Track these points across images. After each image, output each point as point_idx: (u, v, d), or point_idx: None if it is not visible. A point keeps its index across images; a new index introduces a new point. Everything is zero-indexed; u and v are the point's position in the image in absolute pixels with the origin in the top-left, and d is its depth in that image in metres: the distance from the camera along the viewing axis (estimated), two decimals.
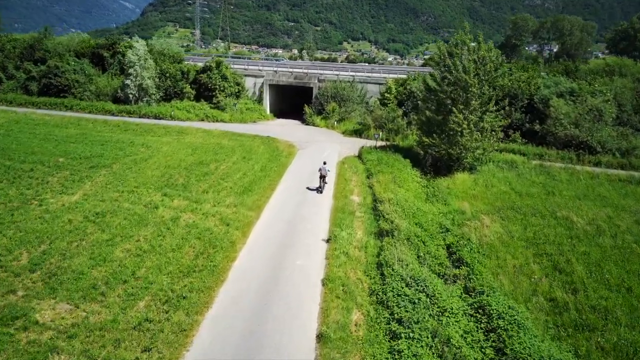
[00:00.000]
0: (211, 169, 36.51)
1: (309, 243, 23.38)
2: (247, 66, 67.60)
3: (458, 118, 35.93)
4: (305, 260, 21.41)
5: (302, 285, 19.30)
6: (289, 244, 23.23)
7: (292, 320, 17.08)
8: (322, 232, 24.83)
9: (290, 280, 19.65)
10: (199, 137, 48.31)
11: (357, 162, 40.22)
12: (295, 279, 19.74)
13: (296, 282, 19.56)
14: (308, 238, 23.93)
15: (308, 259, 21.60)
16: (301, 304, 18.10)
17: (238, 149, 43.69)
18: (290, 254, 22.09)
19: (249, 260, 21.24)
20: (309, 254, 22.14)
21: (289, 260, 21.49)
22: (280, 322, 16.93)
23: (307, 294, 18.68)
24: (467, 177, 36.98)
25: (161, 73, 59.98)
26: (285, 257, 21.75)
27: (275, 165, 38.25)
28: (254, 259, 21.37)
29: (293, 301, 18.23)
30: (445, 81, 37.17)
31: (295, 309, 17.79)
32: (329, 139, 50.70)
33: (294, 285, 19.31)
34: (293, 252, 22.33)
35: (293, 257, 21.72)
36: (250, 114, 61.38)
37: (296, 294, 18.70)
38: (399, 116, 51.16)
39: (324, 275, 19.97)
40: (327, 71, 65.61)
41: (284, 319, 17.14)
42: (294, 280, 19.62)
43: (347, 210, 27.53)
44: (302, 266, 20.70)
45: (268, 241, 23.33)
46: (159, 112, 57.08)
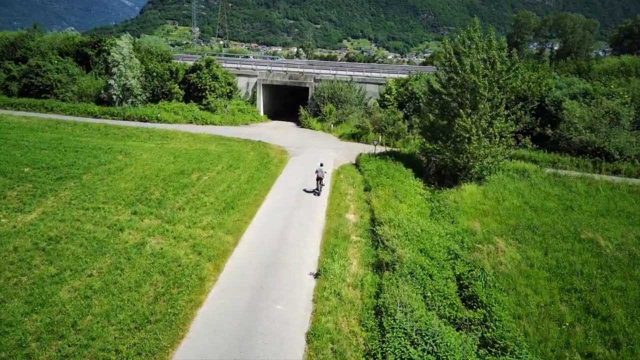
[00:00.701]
0: (192, 179, 32.69)
1: (294, 279, 19.51)
2: (240, 65, 63.73)
3: (465, 123, 32.13)
4: (288, 304, 17.53)
5: (280, 343, 15.43)
6: (269, 280, 19.33)
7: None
8: (311, 262, 20.96)
9: (267, 333, 15.77)
10: (185, 142, 44.49)
11: (354, 171, 36.38)
12: (274, 332, 15.86)
13: (274, 336, 15.68)
14: (293, 272, 20.04)
15: (291, 302, 17.70)
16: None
17: (225, 155, 39.88)
18: (270, 294, 18.20)
19: (218, 307, 17.32)
20: (293, 294, 18.26)
21: (267, 303, 17.60)
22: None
23: (286, 356, 14.81)
24: (475, 189, 33.16)
25: (147, 72, 56.13)
26: (263, 299, 17.86)
27: (263, 175, 34.41)
28: (225, 304, 17.44)
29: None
30: (451, 83, 33.34)
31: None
32: (324, 144, 46.87)
33: (270, 341, 15.45)
34: (273, 291, 18.45)
35: (273, 300, 17.83)
36: (242, 116, 57.55)
37: (271, 353, 14.84)
38: (400, 119, 47.34)
39: (309, 327, 16.09)
40: (324, 70, 61.74)
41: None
42: (271, 334, 15.75)
43: (341, 233, 23.68)
44: (283, 314, 16.80)
45: (244, 277, 19.44)
46: (144, 114, 53.23)
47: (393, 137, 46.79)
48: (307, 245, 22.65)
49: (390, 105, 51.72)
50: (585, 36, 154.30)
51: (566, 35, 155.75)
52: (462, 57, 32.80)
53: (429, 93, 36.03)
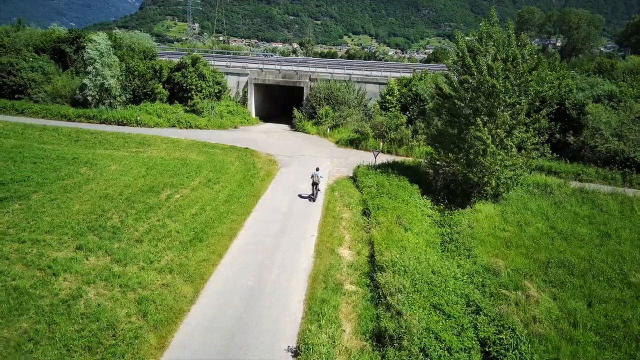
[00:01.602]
0: (161, 199, 27.63)
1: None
2: (230, 63, 58.52)
3: (482, 133, 27.03)
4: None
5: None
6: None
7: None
8: (290, 331, 15.72)
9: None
10: (163, 149, 39.38)
11: (352, 187, 31.28)
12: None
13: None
14: (264, 349, 14.84)
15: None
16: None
17: (206, 166, 34.80)
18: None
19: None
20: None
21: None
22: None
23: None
24: (492, 210, 28.11)
25: (128, 71, 50.94)
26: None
27: (245, 193, 29.33)
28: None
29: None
30: (465, 85, 28.21)
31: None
32: (318, 152, 41.72)
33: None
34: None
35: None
36: (231, 118, 52.40)
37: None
38: (403, 124, 42.21)
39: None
40: (320, 69, 56.53)
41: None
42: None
43: (332, 280, 18.55)
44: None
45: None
46: (123, 116, 48.11)
47: (395, 144, 41.71)
48: (288, 300, 17.44)
49: (392, 108, 46.56)
50: (590, 32, 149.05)
51: (571, 32, 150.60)
52: (477, 56, 27.65)
53: (438, 97, 30.88)
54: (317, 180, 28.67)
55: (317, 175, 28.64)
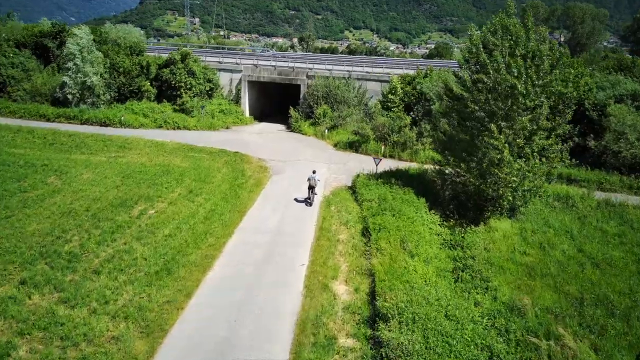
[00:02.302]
0: (133, 215, 24.09)
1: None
2: (222, 59, 54.74)
3: (498, 141, 23.40)
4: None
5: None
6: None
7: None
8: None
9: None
10: (145, 153, 35.80)
11: (350, 199, 27.67)
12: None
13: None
14: None
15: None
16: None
17: (189, 174, 31.25)
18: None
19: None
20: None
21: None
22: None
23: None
24: (509, 228, 24.54)
25: (112, 68, 47.28)
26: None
27: (230, 207, 25.75)
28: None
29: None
30: (479, 86, 24.51)
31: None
32: (315, 156, 38.07)
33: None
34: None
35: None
36: (223, 118, 48.74)
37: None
38: (407, 125, 38.53)
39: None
40: (319, 65, 52.76)
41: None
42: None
43: (324, 331, 14.95)
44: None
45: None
46: (106, 117, 44.48)
47: (398, 147, 38.06)
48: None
49: (395, 108, 42.88)
50: (594, 27, 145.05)
51: (575, 26, 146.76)
52: (494, 53, 23.95)
53: (448, 98, 27.17)
54: (313, 183, 26.91)
55: (313, 179, 26.84)
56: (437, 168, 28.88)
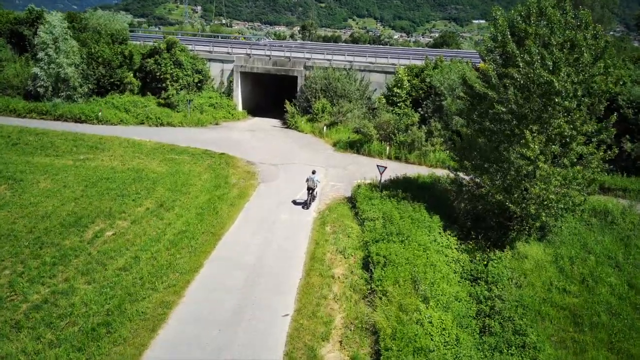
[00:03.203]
0: (85, 238, 19.71)
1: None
2: (213, 48, 49.95)
3: (531, 151, 18.84)
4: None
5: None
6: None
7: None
8: None
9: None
10: (119, 155, 31.35)
11: (349, 215, 23.13)
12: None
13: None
14: None
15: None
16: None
17: (164, 181, 26.82)
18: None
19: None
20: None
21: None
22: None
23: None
24: (541, 254, 20.08)
25: (91, 58, 42.66)
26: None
27: (204, 227, 21.26)
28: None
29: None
30: (506, 82, 19.85)
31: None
32: (312, 158, 33.52)
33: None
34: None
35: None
36: (213, 113, 44.16)
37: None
38: (415, 123, 33.93)
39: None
40: (317, 55, 47.94)
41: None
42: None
43: None
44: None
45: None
46: (82, 112, 39.96)
47: (405, 148, 33.46)
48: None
49: (401, 103, 38.21)
50: (604, 14, 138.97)
51: None
52: (526, 41, 19.28)
53: (467, 96, 22.48)
54: (312, 185, 24.23)
55: (312, 180, 24.12)
56: (452, 176, 24.31)
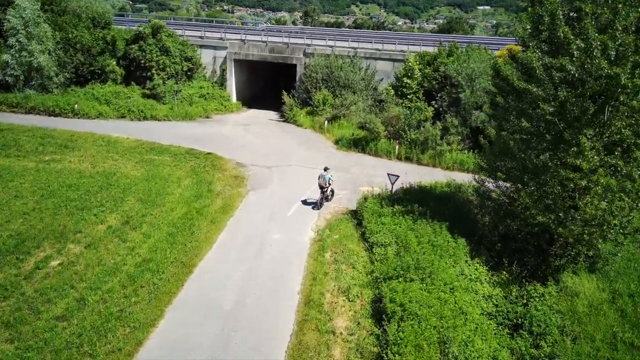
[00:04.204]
0: (22, 271, 15.58)
1: None
2: (205, 33, 45.38)
3: (587, 161, 14.60)
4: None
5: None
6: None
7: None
8: None
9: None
10: (90, 156, 27.15)
11: (354, 237, 18.87)
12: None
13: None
14: None
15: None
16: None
17: (137, 189, 22.65)
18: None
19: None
20: None
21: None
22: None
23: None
24: (593, 289, 16.01)
25: (68, 43, 38.25)
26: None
27: (175, 254, 17.06)
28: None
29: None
30: (554, 74, 15.44)
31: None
32: (311, 158, 29.27)
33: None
34: None
35: None
36: (204, 105, 39.79)
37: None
38: (428, 119, 29.57)
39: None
40: (318, 41, 43.36)
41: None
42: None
43: None
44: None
45: None
46: (56, 104, 35.66)
47: (417, 148, 29.15)
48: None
49: (412, 95, 33.81)
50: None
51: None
52: (585, 24, 14.83)
53: (500, 91, 18.04)
54: (323, 183, 21.69)
55: (324, 177, 21.60)
56: (479, 186, 20.01)
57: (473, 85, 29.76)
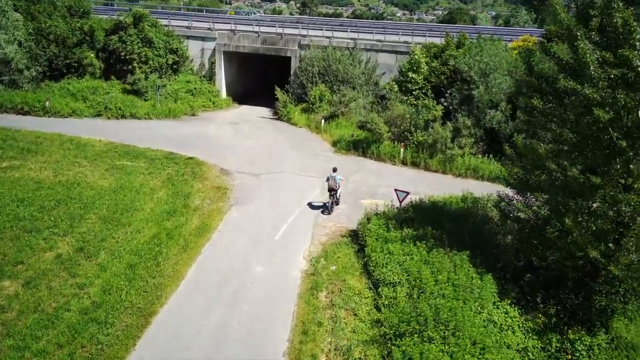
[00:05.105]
0: None
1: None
2: (192, 23, 41.66)
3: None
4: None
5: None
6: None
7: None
8: None
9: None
10: (54, 162, 23.72)
11: (355, 269, 15.47)
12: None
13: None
14: None
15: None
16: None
17: (101, 204, 19.26)
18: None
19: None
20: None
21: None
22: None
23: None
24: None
25: (40, 34, 34.66)
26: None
27: (131, 297, 13.69)
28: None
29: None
30: (611, 73, 11.99)
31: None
32: (305, 163, 25.87)
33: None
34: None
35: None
36: (190, 101, 36.30)
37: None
38: (437, 119, 26.12)
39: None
40: (315, 32, 39.73)
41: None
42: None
43: None
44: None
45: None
46: (25, 101, 32.14)
47: (425, 151, 25.74)
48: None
49: (418, 91, 30.34)
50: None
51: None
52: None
53: (535, 93, 14.57)
54: (334, 185, 19.84)
55: (334, 178, 19.82)
56: (504, 204, 16.60)
57: (487, 81, 26.29)
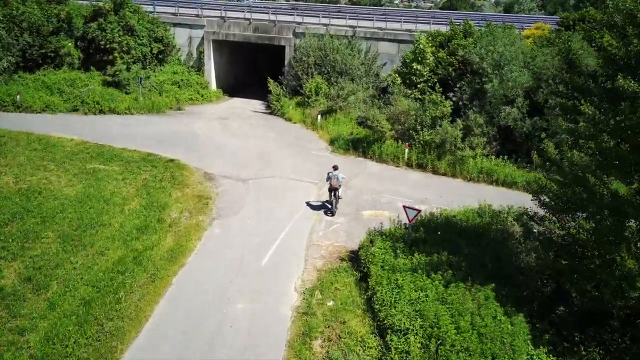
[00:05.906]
0: None
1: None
2: (178, 10, 38.51)
3: None
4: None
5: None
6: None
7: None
8: None
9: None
10: (17, 165, 20.94)
11: (356, 305, 12.79)
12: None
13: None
14: None
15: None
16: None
17: (63, 218, 16.56)
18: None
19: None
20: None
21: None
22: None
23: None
24: None
25: (12, 22, 31.63)
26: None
27: (81, 346, 10.99)
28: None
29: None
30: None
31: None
32: (298, 165, 23.14)
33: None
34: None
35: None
36: (176, 94, 33.42)
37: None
38: (446, 116, 23.31)
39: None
40: (310, 19, 36.69)
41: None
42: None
43: None
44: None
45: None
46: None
47: (432, 152, 22.98)
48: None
49: (423, 84, 27.50)
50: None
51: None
52: None
53: (578, 94, 11.80)
54: (336, 184, 18.20)
55: (336, 177, 18.18)
56: (531, 225, 13.96)
57: (502, 73, 23.49)
